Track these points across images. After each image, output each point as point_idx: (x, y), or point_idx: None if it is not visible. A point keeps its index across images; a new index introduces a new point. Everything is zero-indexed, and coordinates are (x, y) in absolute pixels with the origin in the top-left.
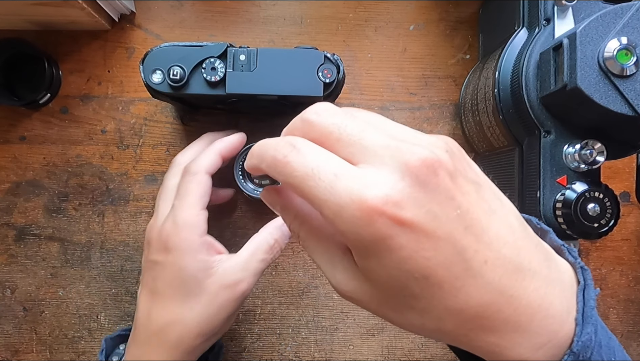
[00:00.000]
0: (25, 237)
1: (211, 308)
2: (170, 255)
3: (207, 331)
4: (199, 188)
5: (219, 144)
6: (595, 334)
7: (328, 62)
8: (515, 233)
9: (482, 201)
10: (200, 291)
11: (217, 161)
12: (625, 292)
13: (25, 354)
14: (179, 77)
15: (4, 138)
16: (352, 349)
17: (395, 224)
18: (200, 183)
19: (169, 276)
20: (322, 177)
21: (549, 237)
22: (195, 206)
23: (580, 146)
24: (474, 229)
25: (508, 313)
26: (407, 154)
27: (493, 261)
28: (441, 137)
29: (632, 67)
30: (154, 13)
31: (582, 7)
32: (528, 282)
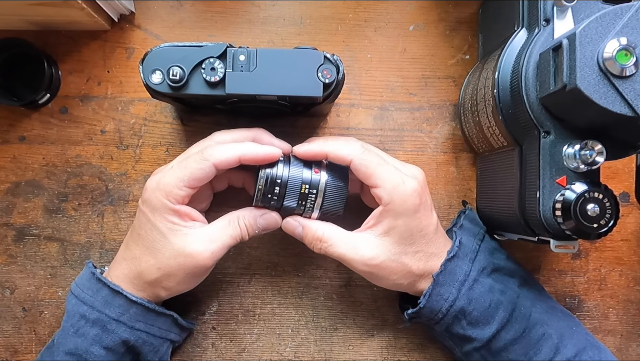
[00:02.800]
0: (24, 237)
1: (171, 263)
2: (145, 207)
3: (164, 281)
4: (196, 171)
5: (244, 149)
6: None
7: (328, 63)
8: (437, 231)
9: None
10: (162, 246)
11: (232, 161)
12: (624, 292)
13: (24, 354)
14: (179, 78)
15: (3, 138)
16: (351, 349)
17: (422, 201)
18: (202, 169)
19: (142, 223)
20: (390, 164)
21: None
22: (182, 179)
23: (579, 146)
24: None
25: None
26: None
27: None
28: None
29: (632, 68)
30: (153, 13)
31: (581, 7)
32: (434, 261)
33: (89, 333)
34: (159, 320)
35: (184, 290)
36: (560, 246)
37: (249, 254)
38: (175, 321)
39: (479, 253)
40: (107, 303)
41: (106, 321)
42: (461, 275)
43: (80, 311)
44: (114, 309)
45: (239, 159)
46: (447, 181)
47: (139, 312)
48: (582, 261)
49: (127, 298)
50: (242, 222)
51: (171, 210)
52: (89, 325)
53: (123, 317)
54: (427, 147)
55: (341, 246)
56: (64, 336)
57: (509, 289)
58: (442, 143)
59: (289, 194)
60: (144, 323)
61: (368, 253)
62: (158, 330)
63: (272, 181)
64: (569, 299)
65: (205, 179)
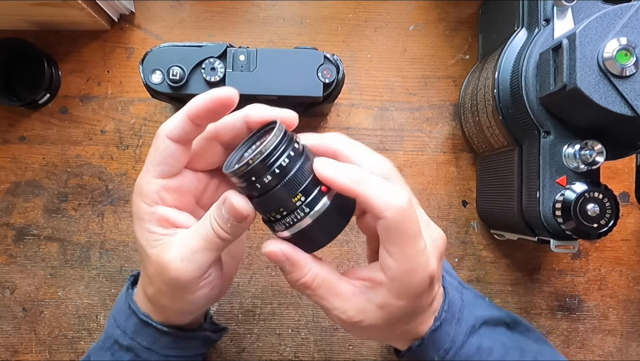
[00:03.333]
0: (24, 237)
1: (155, 282)
2: (133, 219)
3: (156, 300)
4: (154, 154)
5: (186, 105)
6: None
7: (328, 63)
8: (433, 303)
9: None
10: (146, 263)
11: (182, 124)
12: (624, 292)
13: (24, 354)
14: (179, 78)
15: (3, 138)
16: (351, 349)
17: (435, 280)
18: (157, 149)
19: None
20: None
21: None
22: (148, 172)
23: (579, 146)
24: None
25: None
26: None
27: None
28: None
29: (632, 68)
30: (153, 13)
31: (581, 7)
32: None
33: (124, 358)
34: (191, 343)
35: (191, 310)
36: (560, 246)
37: (249, 254)
38: (208, 338)
39: (464, 309)
40: (137, 331)
41: (139, 350)
42: (446, 342)
43: (115, 335)
44: (145, 338)
45: (186, 119)
46: (447, 181)
47: (170, 340)
48: (582, 261)
49: (157, 329)
50: (212, 217)
51: (147, 214)
52: (123, 350)
53: (154, 346)
54: (427, 147)
55: (330, 301)
56: (101, 356)
57: (497, 343)
58: (442, 143)
59: (277, 194)
60: (176, 349)
61: (353, 314)
62: (191, 350)
63: (270, 163)
64: (569, 299)
65: (168, 159)
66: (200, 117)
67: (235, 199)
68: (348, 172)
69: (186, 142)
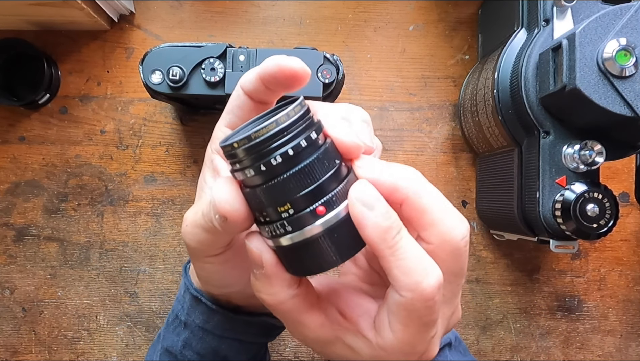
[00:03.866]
0: (24, 237)
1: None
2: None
3: (195, 269)
4: (230, 102)
5: (262, 63)
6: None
7: (327, 63)
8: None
9: None
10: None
11: (254, 80)
12: (624, 292)
13: (24, 354)
14: (179, 78)
15: (3, 138)
16: None
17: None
18: (232, 98)
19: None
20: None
21: None
22: (222, 119)
23: (579, 146)
24: None
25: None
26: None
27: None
28: None
29: (631, 68)
30: (153, 13)
31: (581, 7)
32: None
33: (182, 335)
34: (248, 328)
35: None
36: (560, 246)
37: None
38: (265, 323)
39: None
40: (192, 307)
41: (194, 328)
42: None
43: (176, 310)
44: (199, 315)
45: (259, 78)
46: (446, 181)
47: (223, 320)
48: (582, 261)
49: (208, 307)
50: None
51: (209, 161)
52: (182, 326)
53: (208, 325)
54: (427, 147)
55: (293, 329)
56: (166, 331)
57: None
58: (442, 143)
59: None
60: (232, 330)
61: (319, 348)
62: (252, 335)
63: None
64: (569, 299)
65: (236, 109)
66: (268, 81)
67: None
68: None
69: (256, 98)
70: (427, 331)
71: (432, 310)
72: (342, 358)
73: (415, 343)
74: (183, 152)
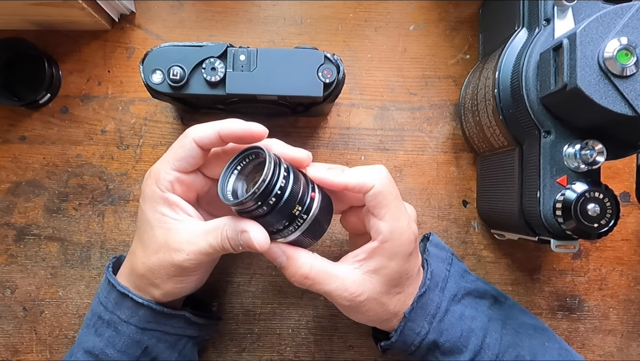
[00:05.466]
0: (25, 237)
1: (153, 257)
2: (140, 198)
3: (150, 277)
4: (178, 150)
5: (223, 123)
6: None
7: (328, 62)
8: (419, 271)
9: None
10: (149, 239)
11: (210, 135)
12: (625, 292)
13: (25, 354)
14: (179, 77)
15: (4, 138)
16: (352, 349)
17: (416, 245)
18: (183, 147)
19: (139, 215)
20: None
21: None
22: (168, 163)
23: (580, 146)
24: None
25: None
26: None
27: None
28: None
29: (632, 68)
30: (154, 13)
31: (582, 7)
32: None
33: (105, 334)
34: (171, 320)
35: (178, 291)
36: (560, 246)
37: (249, 254)
38: (189, 319)
39: (449, 279)
40: (117, 304)
41: (117, 323)
42: (432, 308)
43: (98, 311)
44: (124, 311)
45: (217, 134)
46: (447, 180)
47: (148, 314)
48: (583, 261)
49: (134, 301)
50: (224, 233)
51: (160, 198)
52: (105, 325)
53: (133, 319)
54: (428, 147)
55: (330, 284)
56: (85, 334)
57: (480, 313)
58: (443, 143)
59: (279, 211)
60: (154, 323)
61: (354, 289)
62: (172, 328)
63: (271, 190)
64: (570, 299)
65: (189, 158)
66: (229, 138)
67: (254, 236)
68: (336, 170)
69: (208, 149)
70: (400, 203)
71: (394, 186)
72: (375, 294)
73: (399, 216)
74: None
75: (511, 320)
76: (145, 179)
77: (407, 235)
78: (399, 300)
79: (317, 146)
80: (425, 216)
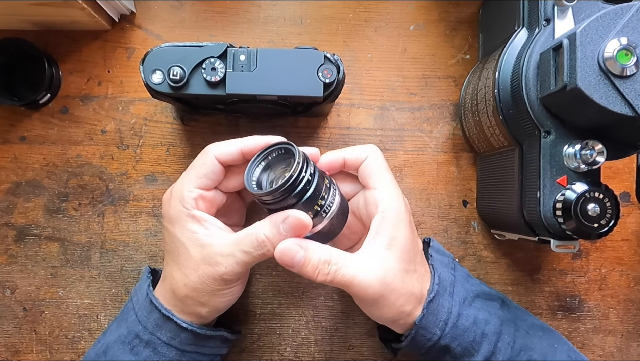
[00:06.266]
0: (25, 237)
1: (193, 276)
2: (166, 221)
3: (195, 297)
4: (200, 167)
5: (245, 140)
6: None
7: (328, 63)
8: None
9: None
10: (186, 259)
11: (233, 152)
12: (625, 292)
13: (25, 354)
14: (179, 78)
15: (4, 138)
16: (352, 349)
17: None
18: (204, 164)
19: (167, 238)
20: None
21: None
22: (190, 182)
23: (580, 146)
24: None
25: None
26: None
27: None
28: None
29: (632, 68)
30: (154, 13)
31: (582, 7)
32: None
33: (142, 353)
34: (209, 342)
35: (223, 305)
36: (560, 246)
37: None
38: (226, 338)
39: (456, 284)
40: (158, 326)
41: (157, 344)
42: (444, 314)
43: (136, 330)
44: (165, 333)
45: (240, 151)
46: (447, 180)
47: (190, 337)
48: (583, 261)
49: (178, 325)
50: (261, 236)
51: (188, 216)
52: (142, 345)
53: (174, 341)
54: (428, 147)
55: (352, 267)
56: (121, 351)
57: (493, 316)
58: (443, 143)
59: (305, 204)
60: (194, 345)
61: (379, 271)
62: (209, 349)
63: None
64: (570, 299)
65: (211, 175)
66: (250, 155)
67: (299, 214)
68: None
69: (229, 165)
70: (391, 173)
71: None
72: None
73: (394, 183)
74: (184, 152)
75: (521, 321)
76: (167, 201)
77: (404, 203)
78: (417, 280)
79: (317, 146)
80: (425, 216)
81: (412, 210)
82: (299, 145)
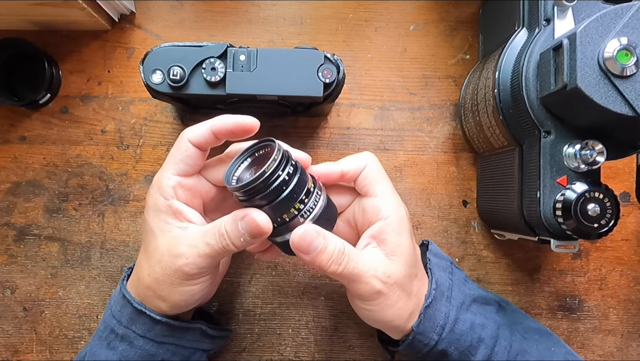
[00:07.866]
0: (25, 237)
1: (157, 267)
2: (145, 208)
3: (156, 288)
4: (175, 153)
5: (213, 120)
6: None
7: (328, 63)
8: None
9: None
10: (154, 248)
11: (203, 133)
12: (625, 292)
13: (25, 354)
14: (179, 78)
15: (4, 138)
16: (352, 349)
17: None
18: (179, 149)
19: (143, 226)
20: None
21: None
22: (167, 169)
23: (580, 146)
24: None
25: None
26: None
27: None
28: None
29: (632, 68)
30: (154, 13)
31: (582, 7)
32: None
33: (118, 348)
34: (187, 334)
35: (184, 303)
36: (560, 246)
37: (249, 254)
38: (206, 333)
39: (453, 288)
40: (132, 320)
41: (133, 338)
42: (441, 319)
43: (111, 324)
44: (140, 326)
45: (210, 132)
46: (447, 180)
47: (165, 329)
48: (583, 261)
49: (151, 318)
50: (222, 229)
51: (164, 206)
52: (118, 339)
53: (149, 333)
54: (428, 147)
55: (361, 262)
56: (98, 346)
57: (489, 320)
58: (443, 143)
59: (280, 204)
60: (171, 337)
61: (385, 270)
62: (188, 342)
63: (274, 179)
64: (570, 299)
65: (187, 159)
66: (222, 134)
67: (257, 217)
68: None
69: (204, 148)
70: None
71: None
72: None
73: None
74: None
75: (517, 324)
76: (149, 190)
77: (404, 210)
78: (416, 285)
79: (317, 146)
80: (425, 216)
81: (412, 210)
82: (298, 147)
